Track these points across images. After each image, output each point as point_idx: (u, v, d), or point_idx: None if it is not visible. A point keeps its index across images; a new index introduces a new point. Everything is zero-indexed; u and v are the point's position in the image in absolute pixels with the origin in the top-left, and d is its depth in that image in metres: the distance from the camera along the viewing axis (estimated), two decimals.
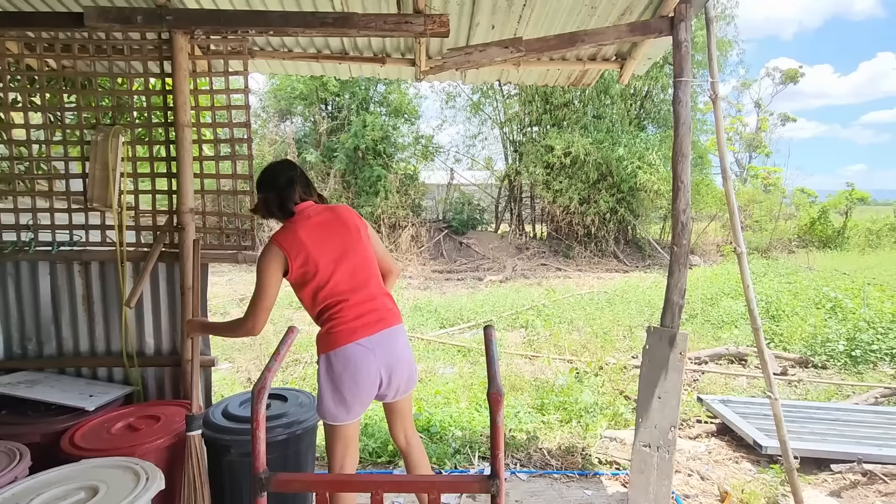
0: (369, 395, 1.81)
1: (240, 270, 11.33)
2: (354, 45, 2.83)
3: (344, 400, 1.76)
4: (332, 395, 1.77)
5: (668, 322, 2.40)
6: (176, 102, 2.35)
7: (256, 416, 1.01)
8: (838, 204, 16.90)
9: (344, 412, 1.77)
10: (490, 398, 1.02)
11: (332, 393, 1.77)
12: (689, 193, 2.41)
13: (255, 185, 1.93)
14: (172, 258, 2.50)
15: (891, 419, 3.58)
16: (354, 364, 1.76)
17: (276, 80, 13.33)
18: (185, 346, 2.46)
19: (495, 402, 1.01)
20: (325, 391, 1.77)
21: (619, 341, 5.65)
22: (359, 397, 1.77)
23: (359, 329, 1.77)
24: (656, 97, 13.32)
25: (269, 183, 1.85)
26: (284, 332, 1.18)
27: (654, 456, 2.40)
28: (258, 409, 1.01)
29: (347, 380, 1.75)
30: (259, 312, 1.74)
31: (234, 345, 5.72)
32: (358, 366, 1.76)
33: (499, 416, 1.00)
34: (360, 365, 1.76)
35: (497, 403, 1.01)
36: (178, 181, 2.41)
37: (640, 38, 2.43)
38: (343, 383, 1.75)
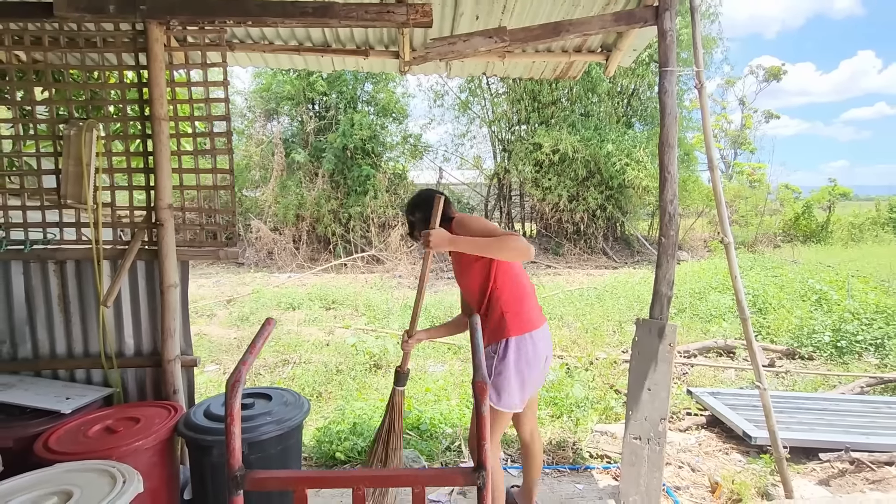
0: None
1: (227, 272, 11.20)
2: (336, 37, 2.78)
3: (524, 386, 1.88)
4: (516, 382, 1.85)
5: (656, 314, 2.39)
6: (152, 95, 2.28)
7: (231, 410, 0.96)
8: (821, 199, 17.16)
9: (520, 400, 1.89)
10: (475, 387, 0.98)
11: (517, 378, 1.85)
12: (677, 184, 2.39)
13: (410, 209, 2.13)
14: (151, 255, 2.43)
15: (876, 408, 3.62)
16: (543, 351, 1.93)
17: (262, 80, 13.17)
18: (165, 345, 2.40)
19: (480, 391, 0.98)
20: (511, 378, 1.84)
21: (608, 336, 5.66)
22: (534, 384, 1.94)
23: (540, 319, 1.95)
24: (643, 95, 13.40)
25: (426, 203, 2.02)
26: (262, 325, 1.13)
27: (645, 448, 2.38)
28: (232, 403, 0.97)
29: (535, 364, 1.88)
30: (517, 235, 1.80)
31: (221, 346, 5.63)
32: (542, 352, 1.92)
33: (484, 405, 0.97)
34: (543, 351, 1.93)
35: (482, 392, 0.97)
36: (155, 176, 2.34)
37: (624, 27, 2.41)
38: (529, 369, 1.87)
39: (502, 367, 1.83)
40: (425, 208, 2.03)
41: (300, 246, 12.09)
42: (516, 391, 1.84)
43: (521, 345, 1.84)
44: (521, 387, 1.85)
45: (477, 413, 0.97)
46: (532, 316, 1.92)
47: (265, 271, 11.12)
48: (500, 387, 1.83)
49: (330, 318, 6.98)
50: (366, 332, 6.07)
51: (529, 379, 1.87)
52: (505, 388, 1.83)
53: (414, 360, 5.01)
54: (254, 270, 11.17)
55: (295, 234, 12.18)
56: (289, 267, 11.36)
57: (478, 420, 0.97)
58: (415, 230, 2.13)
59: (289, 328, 6.30)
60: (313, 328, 6.41)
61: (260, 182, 12.84)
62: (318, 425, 3.52)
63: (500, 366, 1.83)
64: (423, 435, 3.16)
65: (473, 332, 1.09)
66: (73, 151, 2.31)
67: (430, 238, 1.87)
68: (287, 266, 11.42)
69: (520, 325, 1.86)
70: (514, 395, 1.84)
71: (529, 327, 1.87)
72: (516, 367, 1.83)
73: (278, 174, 12.24)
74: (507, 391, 1.82)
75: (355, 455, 2.91)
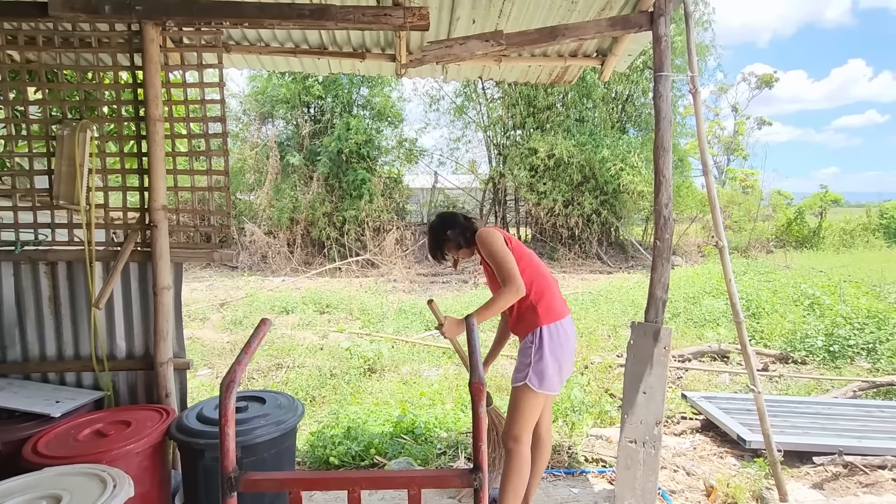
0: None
1: (221, 275, 11.13)
2: (333, 40, 2.78)
3: (561, 369, 2.07)
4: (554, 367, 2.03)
5: (651, 317, 2.39)
6: (147, 96, 2.27)
7: (225, 411, 0.95)
8: (813, 205, 17.37)
9: (559, 382, 2.09)
10: (472, 388, 0.98)
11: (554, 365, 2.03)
12: (671, 188, 2.41)
13: (436, 231, 2.26)
14: (145, 257, 2.41)
15: (869, 411, 3.64)
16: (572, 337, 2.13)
17: (258, 84, 13.16)
18: (157, 348, 2.37)
19: (477, 392, 0.97)
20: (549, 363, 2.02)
21: (603, 340, 5.66)
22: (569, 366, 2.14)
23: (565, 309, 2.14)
24: (637, 101, 13.49)
25: (451, 223, 2.23)
26: (257, 325, 1.12)
27: (640, 452, 2.38)
28: (227, 404, 0.95)
29: (561, 350, 2.05)
30: (514, 273, 1.97)
31: (214, 349, 5.59)
32: (571, 337, 2.11)
33: (480, 406, 0.96)
34: (572, 337, 2.12)
35: (479, 393, 0.97)
36: (149, 177, 2.32)
37: (620, 32, 2.43)
38: (558, 354, 2.04)
39: (540, 354, 2.02)
40: (451, 226, 2.23)
41: (294, 250, 12.04)
42: (555, 375, 2.04)
43: (552, 332, 2.04)
44: (559, 370, 2.05)
45: (473, 413, 0.96)
46: (557, 306, 2.11)
47: (259, 275, 11.06)
48: (540, 372, 2.01)
49: (324, 322, 6.95)
50: (360, 336, 6.05)
51: (564, 363, 2.08)
52: (545, 372, 2.01)
53: (408, 364, 4.99)
54: (247, 274, 11.10)
55: (289, 238, 12.14)
56: (283, 271, 11.30)
57: (474, 421, 0.97)
58: (443, 249, 2.27)
59: (283, 332, 6.26)
60: (307, 332, 6.38)
61: (254, 185, 12.80)
62: (311, 429, 3.49)
63: (538, 353, 2.02)
64: (418, 439, 3.14)
65: (470, 332, 1.09)
66: (66, 152, 2.29)
67: (445, 331, 2.12)
68: (281, 270, 11.36)
69: (549, 315, 2.05)
70: (553, 378, 2.03)
71: (558, 316, 2.07)
72: (552, 353, 2.02)
73: (273, 177, 12.21)
74: (546, 375, 2.02)
75: (349, 459, 2.89)
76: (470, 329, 1.09)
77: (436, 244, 2.27)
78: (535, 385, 2.00)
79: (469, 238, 2.20)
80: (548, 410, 2.28)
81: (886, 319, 5.43)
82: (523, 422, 2.04)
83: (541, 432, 2.26)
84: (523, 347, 2.09)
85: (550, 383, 2.02)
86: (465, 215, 2.29)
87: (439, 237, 2.24)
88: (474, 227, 2.22)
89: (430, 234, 2.29)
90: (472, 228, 2.22)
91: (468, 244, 2.22)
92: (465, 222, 2.25)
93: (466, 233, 2.21)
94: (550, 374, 2.01)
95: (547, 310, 2.05)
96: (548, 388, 2.02)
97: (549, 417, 2.32)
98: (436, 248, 2.27)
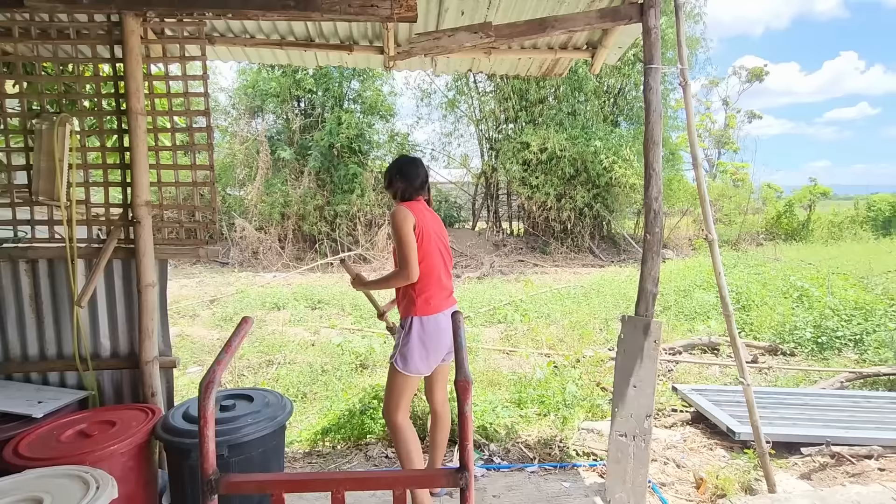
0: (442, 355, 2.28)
1: (211, 272, 11.02)
2: (320, 32, 2.73)
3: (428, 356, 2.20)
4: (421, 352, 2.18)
5: (642, 311, 2.39)
6: (128, 89, 2.21)
7: (204, 412, 0.93)
8: (803, 198, 17.51)
9: (426, 367, 2.22)
10: (457, 386, 0.96)
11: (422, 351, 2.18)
12: (661, 181, 2.40)
13: (396, 170, 2.31)
14: (128, 254, 2.36)
15: (856, 402, 3.69)
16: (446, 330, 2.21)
17: (247, 78, 12.98)
18: (142, 346, 2.33)
19: (463, 390, 0.95)
20: (414, 348, 2.17)
21: (595, 334, 5.68)
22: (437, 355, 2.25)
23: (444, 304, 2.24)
24: (629, 94, 13.50)
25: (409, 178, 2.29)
26: (238, 324, 1.09)
27: (631, 445, 2.38)
28: (206, 405, 0.93)
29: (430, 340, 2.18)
30: (411, 261, 2.11)
31: (204, 347, 5.53)
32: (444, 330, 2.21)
33: (466, 405, 0.94)
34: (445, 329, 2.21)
35: (465, 391, 0.95)
36: (131, 172, 2.27)
37: (610, 24, 2.41)
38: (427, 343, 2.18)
39: (408, 340, 2.18)
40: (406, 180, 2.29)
41: (286, 245, 11.95)
42: (420, 361, 2.20)
43: (424, 323, 2.19)
44: (426, 357, 2.21)
45: (459, 412, 0.95)
46: (437, 301, 2.22)
47: (250, 271, 10.97)
48: (405, 355, 2.19)
49: (315, 317, 6.90)
50: (352, 331, 6.02)
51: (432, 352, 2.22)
52: (409, 357, 2.18)
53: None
54: (238, 270, 11.01)
55: (280, 233, 12.04)
56: (274, 266, 11.22)
57: (460, 419, 0.95)
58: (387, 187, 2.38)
59: (273, 328, 6.21)
60: (299, 328, 6.33)
61: (245, 180, 12.67)
62: (303, 426, 3.47)
63: (406, 338, 2.19)
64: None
65: (457, 329, 1.07)
66: (45, 146, 2.23)
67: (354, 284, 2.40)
68: (272, 265, 11.28)
69: (426, 308, 2.19)
70: (418, 363, 2.19)
71: (434, 310, 2.20)
72: (420, 341, 2.18)
73: (263, 172, 12.08)
74: (411, 359, 2.18)
75: None
76: (457, 327, 1.07)
77: (388, 179, 2.36)
78: (400, 366, 2.18)
79: (402, 196, 2.29)
80: (440, 387, 2.44)
81: (873, 311, 5.49)
82: (393, 397, 2.22)
83: (436, 408, 2.44)
84: (398, 329, 2.28)
85: (415, 367, 2.18)
86: (425, 178, 2.35)
87: (391, 176, 2.33)
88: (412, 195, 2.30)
89: (390, 167, 2.36)
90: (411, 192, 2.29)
91: (399, 199, 2.31)
92: (414, 184, 2.29)
93: (406, 192, 2.29)
94: (416, 359, 2.17)
95: (425, 302, 2.19)
96: (412, 370, 2.18)
97: (443, 394, 2.47)
98: (387, 181, 2.37)
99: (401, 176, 2.30)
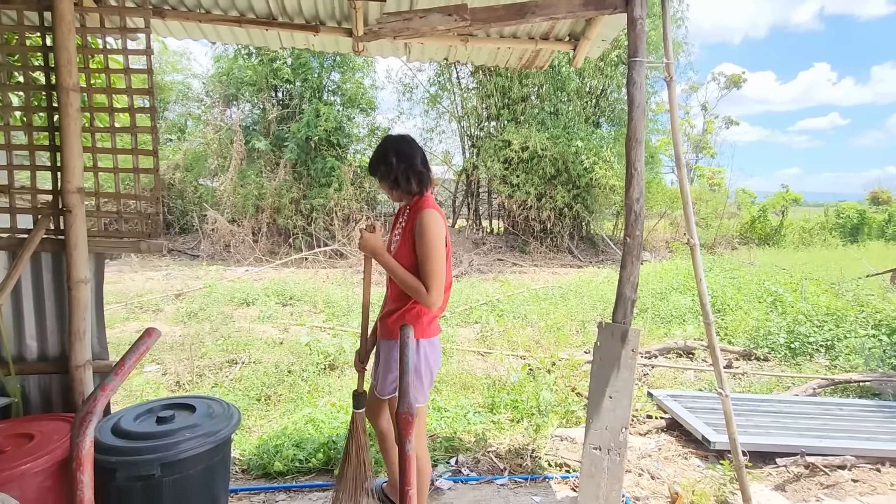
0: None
1: (179, 265, 10.61)
2: (282, 9, 2.51)
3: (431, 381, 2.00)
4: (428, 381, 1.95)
5: (619, 317, 2.26)
6: (58, 61, 1.97)
7: (79, 453, 0.74)
8: (776, 204, 17.91)
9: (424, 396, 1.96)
10: (398, 419, 0.79)
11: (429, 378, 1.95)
12: (643, 182, 2.27)
13: (392, 151, 1.91)
14: (59, 246, 2.12)
15: (828, 409, 3.66)
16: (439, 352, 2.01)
17: (223, 65, 12.52)
18: (72, 349, 2.10)
19: (405, 424, 0.78)
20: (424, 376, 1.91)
21: (572, 336, 5.59)
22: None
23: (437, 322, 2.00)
24: (610, 95, 13.50)
25: (409, 158, 1.90)
26: (139, 336, 0.90)
27: (605, 459, 2.26)
28: (81, 443, 0.74)
29: (435, 365, 1.96)
30: (437, 285, 1.79)
31: (165, 343, 5.23)
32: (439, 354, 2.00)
33: (408, 440, 0.77)
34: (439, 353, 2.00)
35: (407, 425, 0.78)
36: (62, 155, 2.03)
37: (593, 13, 2.26)
38: (433, 369, 1.95)
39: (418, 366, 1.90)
40: (405, 161, 1.89)
41: (259, 238, 11.59)
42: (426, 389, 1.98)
43: (423, 346, 1.92)
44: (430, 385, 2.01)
45: (399, 451, 0.78)
46: (436, 323, 2.00)
47: (221, 265, 10.59)
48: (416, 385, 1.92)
49: (286, 314, 6.65)
50: (323, 329, 5.80)
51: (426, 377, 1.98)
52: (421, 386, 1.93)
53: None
54: (208, 264, 10.61)
55: (254, 226, 11.67)
56: (246, 260, 10.86)
57: (400, 459, 0.78)
58: (379, 170, 1.93)
59: (240, 325, 5.94)
60: (267, 325, 6.08)
61: (217, 171, 12.23)
62: (263, 432, 3.26)
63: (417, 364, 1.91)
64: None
65: (403, 347, 0.89)
66: None
67: (361, 241, 1.88)
68: (245, 259, 10.91)
69: (428, 331, 1.93)
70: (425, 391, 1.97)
71: (432, 334, 1.97)
72: (428, 367, 1.94)
73: (237, 163, 11.67)
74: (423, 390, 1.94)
75: (296, 465, 2.68)
76: (403, 345, 0.90)
77: (378, 160, 1.92)
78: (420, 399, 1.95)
79: (410, 186, 1.90)
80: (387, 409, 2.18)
81: (844, 317, 5.54)
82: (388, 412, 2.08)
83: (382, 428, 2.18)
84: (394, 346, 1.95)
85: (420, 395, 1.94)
86: (426, 159, 1.95)
87: (387, 157, 1.90)
88: (426, 181, 1.92)
89: (380, 146, 1.96)
90: (422, 179, 1.91)
91: (406, 190, 1.91)
92: (419, 166, 1.91)
93: (413, 179, 1.89)
94: (425, 387, 1.95)
95: (430, 323, 1.94)
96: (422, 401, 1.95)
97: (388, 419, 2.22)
98: (377, 163, 1.93)
99: (399, 158, 1.87)
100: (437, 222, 1.82)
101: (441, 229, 1.83)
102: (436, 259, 1.78)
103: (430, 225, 1.79)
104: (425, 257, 1.79)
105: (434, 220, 1.81)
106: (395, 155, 1.88)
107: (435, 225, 1.80)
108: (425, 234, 1.78)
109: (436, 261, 1.78)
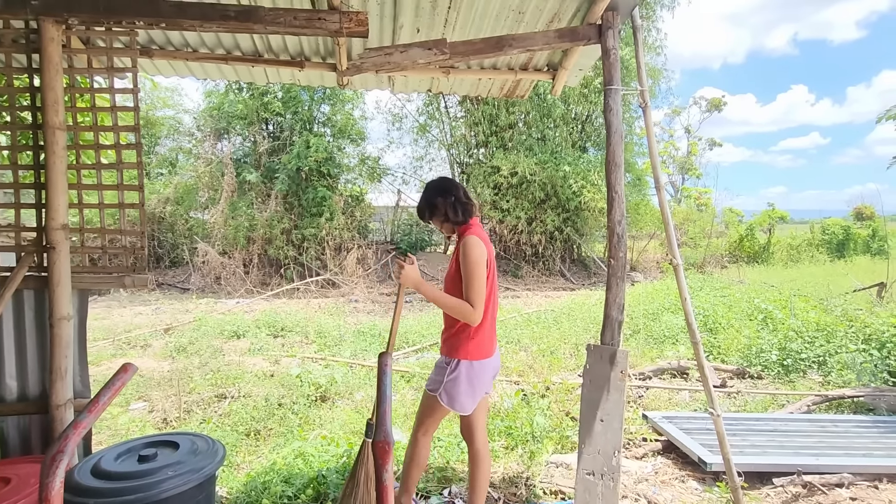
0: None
1: (169, 298, 10.49)
2: (268, 46, 2.59)
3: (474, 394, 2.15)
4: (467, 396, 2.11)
5: (607, 339, 2.27)
6: (45, 101, 2.00)
7: (48, 494, 0.72)
8: (762, 222, 18.18)
9: (472, 405, 2.16)
10: (375, 448, 0.79)
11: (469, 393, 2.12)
12: (624, 204, 2.32)
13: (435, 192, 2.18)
14: (41, 283, 2.10)
15: (823, 426, 3.64)
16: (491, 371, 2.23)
17: (214, 100, 12.72)
18: (53, 388, 2.06)
19: (382, 454, 0.78)
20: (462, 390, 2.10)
21: (565, 360, 5.56)
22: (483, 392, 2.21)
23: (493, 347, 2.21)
24: (595, 121, 13.84)
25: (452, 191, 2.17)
26: (115, 372, 0.89)
27: (599, 485, 2.22)
28: (50, 484, 0.73)
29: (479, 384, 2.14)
30: (478, 304, 2.01)
31: (153, 380, 5.13)
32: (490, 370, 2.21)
33: (386, 470, 0.77)
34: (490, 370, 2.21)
35: (384, 454, 0.78)
36: (46, 192, 2.04)
37: (568, 44, 2.36)
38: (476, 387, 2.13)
39: (454, 378, 2.10)
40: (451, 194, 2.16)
41: (250, 270, 11.53)
42: (467, 399, 2.14)
43: (468, 368, 2.11)
44: (472, 395, 2.15)
45: (377, 481, 0.77)
46: (486, 345, 2.16)
47: (212, 297, 10.48)
48: (450, 393, 2.11)
49: (277, 346, 6.57)
50: (314, 360, 5.72)
51: (478, 389, 2.17)
52: (456, 396, 2.11)
53: (363, 389, 4.71)
54: (198, 297, 10.51)
55: (245, 258, 11.62)
56: (237, 292, 10.77)
57: (378, 489, 0.77)
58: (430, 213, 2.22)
59: (230, 359, 5.85)
60: (258, 358, 5.99)
61: (208, 203, 12.26)
62: (252, 468, 3.18)
63: (452, 375, 2.11)
64: None
65: (381, 375, 0.90)
66: None
67: (402, 272, 2.07)
68: (235, 291, 10.82)
69: (476, 353, 2.12)
70: (465, 402, 2.13)
71: (483, 356, 2.14)
72: (468, 382, 2.11)
73: (228, 195, 11.72)
74: (457, 398, 2.11)
75: (284, 502, 2.60)
76: (381, 372, 0.90)
77: (425, 204, 2.21)
78: (445, 402, 2.12)
79: (458, 217, 2.16)
80: (480, 425, 2.30)
81: (834, 332, 5.57)
82: (425, 420, 2.21)
83: (477, 447, 2.30)
84: (441, 363, 2.17)
85: (461, 405, 2.12)
86: (466, 192, 2.22)
87: (431, 199, 2.18)
88: (470, 210, 2.19)
89: (424, 192, 2.24)
90: (466, 209, 2.18)
91: (454, 222, 2.18)
92: (463, 198, 2.18)
93: (459, 210, 2.16)
94: (462, 398, 2.11)
95: (478, 346, 2.12)
96: (458, 408, 2.12)
97: (484, 432, 2.33)
98: (424, 208, 2.22)
99: (443, 194, 2.15)
100: (478, 247, 2.05)
101: (482, 253, 2.05)
102: (477, 279, 2.01)
103: (472, 250, 2.04)
104: (468, 278, 2.03)
105: (474, 246, 2.05)
106: (438, 195, 2.16)
107: (476, 252, 2.04)
108: (467, 258, 2.04)
109: (477, 280, 2.01)
